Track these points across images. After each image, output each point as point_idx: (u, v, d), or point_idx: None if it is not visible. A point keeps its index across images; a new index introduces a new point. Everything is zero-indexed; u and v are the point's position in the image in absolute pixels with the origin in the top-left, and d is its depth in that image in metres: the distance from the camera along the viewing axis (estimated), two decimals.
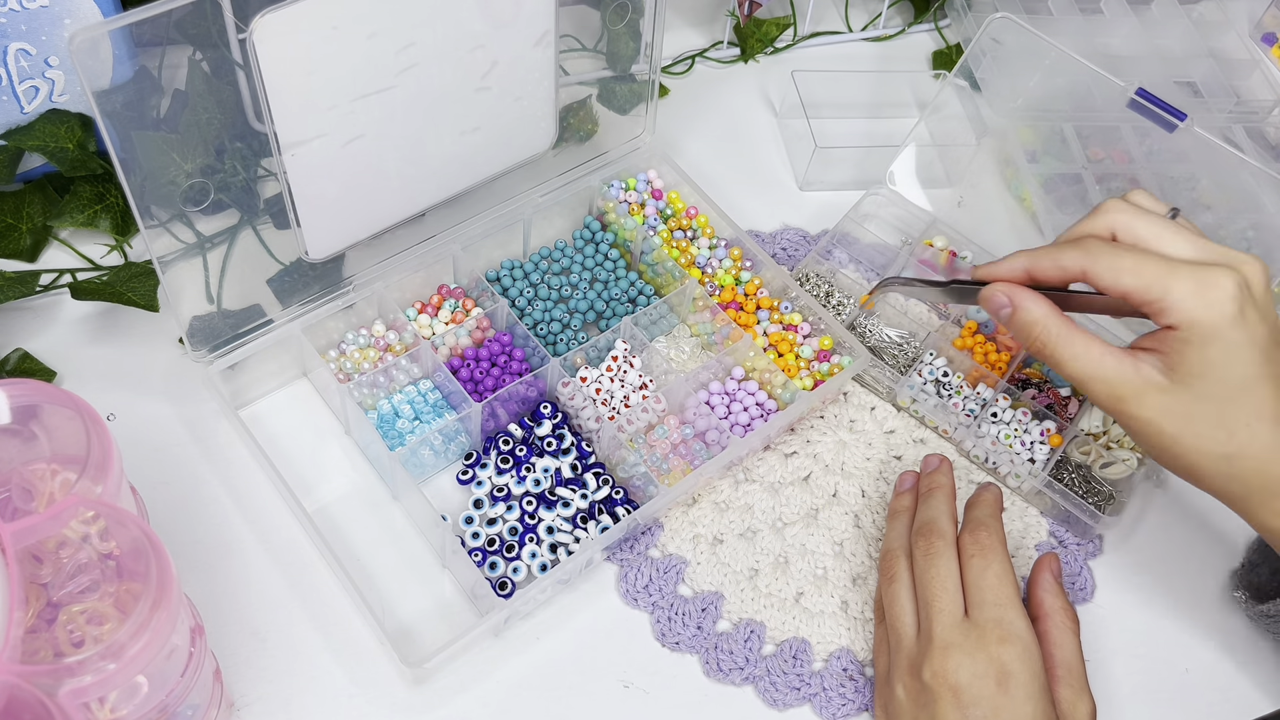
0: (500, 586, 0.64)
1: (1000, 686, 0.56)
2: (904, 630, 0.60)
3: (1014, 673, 0.56)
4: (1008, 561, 0.61)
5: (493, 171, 0.74)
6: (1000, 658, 0.57)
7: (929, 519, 0.63)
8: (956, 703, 0.56)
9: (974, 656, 0.57)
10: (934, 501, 0.65)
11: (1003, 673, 0.56)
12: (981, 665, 0.56)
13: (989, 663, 0.57)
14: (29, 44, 0.71)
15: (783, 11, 0.98)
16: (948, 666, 0.57)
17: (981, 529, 0.62)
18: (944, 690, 0.56)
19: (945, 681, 0.56)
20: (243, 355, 0.68)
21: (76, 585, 0.47)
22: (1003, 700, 0.56)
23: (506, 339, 0.74)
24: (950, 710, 0.56)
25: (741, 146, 0.91)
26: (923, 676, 0.57)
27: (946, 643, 0.57)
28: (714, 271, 0.78)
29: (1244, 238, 0.82)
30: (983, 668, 0.56)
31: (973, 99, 0.89)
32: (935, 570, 0.60)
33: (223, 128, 0.61)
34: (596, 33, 0.76)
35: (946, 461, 0.68)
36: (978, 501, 0.65)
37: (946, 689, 0.56)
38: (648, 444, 0.71)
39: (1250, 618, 0.69)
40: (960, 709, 0.56)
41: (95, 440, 0.50)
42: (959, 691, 0.56)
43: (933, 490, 0.66)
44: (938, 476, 0.67)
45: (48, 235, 0.77)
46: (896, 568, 0.63)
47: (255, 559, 0.66)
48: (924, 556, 0.61)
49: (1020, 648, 0.57)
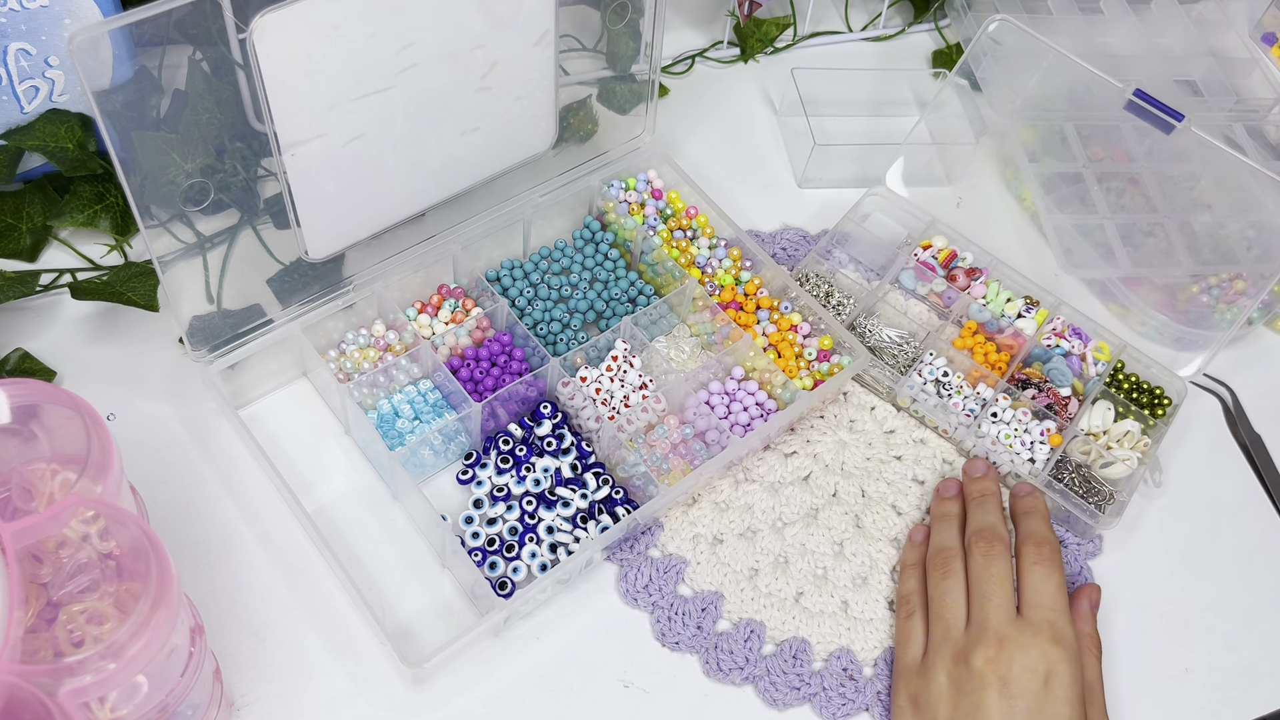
0: (500, 586, 0.64)
1: (1046, 684, 0.58)
2: (954, 620, 0.62)
3: (1060, 674, 0.59)
4: (1064, 577, 0.64)
5: (493, 171, 0.74)
6: (1050, 656, 0.59)
7: (988, 524, 0.66)
8: (1004, 692, 0.58)
9: (1026, 651, 0.59)
10: (990, 507, 0.68)
11: (1050, 672, 0.59)
12: (1032, 660, 0.59)
13: (1040, 659, 0.59)
14: (29, 44, 0.71)
15: (783, 11, 0.98)
16: (1001, 656, 0.59)
17: (1046, 545, 0.65)
18: (993, 678, 0.58)
19: (996, 670, 0.59)
20: (243, 355, 0.68)
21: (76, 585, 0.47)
22: (1045, 698, 0.58)
23: (506, 339, 0.74)
24: (995, 698, 0.58)
25: (741, 147, 0.91)
26: (973, 663, 0.59)
27: (1002, 635, 0.60)
28: (714, 271, 0.78)
29: (1244, 237, 0.82)
30: (1033, 663, 0.59)
31: (972, 98, 0.89)
32: (994, 570, 0.63)
33: (223, 128, 0.61)
34: (596, 33, 0.76)
35: (992, 467, 0.71)
36: (1032, 511, 0.68)
37: (996, 677, 0.58)
38: (648, 444, 0.71)
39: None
40: (1006, 698, 0.58)
41: (95, 440, 0.50)
42: (1008, 682, 0.58)
43: (986, 497, 0.69)
44: (987, 483, 0.70)
45: (48, 235, 0.77)
46: (953, 564, 0.65)
47: (255, 559, 0.66)
48: (984, 557, 0.64)
49: (1069, 652, 0.60)
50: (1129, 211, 0.84)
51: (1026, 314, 0.79)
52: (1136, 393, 0.77)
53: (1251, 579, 0.73)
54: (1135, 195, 0.85)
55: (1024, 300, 0.80)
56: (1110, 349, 0.78)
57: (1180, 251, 0.82)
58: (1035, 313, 0.79)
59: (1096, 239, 0.82)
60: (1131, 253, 0.82)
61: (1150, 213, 0.84)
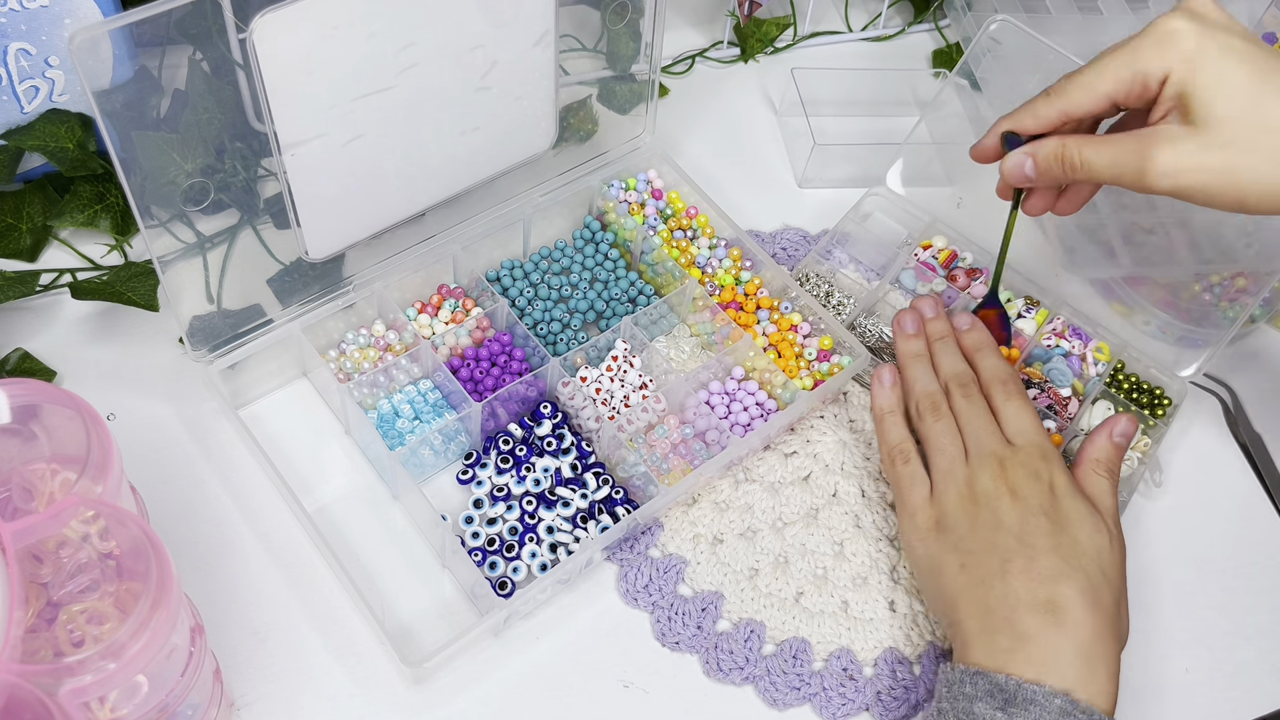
0: (500, 586, 0.64)
1: (1050, 489, 0.63)
2: (956, 454, 0.66)
3: (1057, 480, 0.64)
4: (1032, 404, 0.68)
5: (493, 171, 0.74)
6: (1045, 469, 0.64)
7: (959, 369, 0.70)
8: (1014, 497, 0.63)
9: (1025, 466, 0.64)
10: (952, 348, 0.71)
11: (1050, 480, 0.64)
12: (1032, 472, 0.64)
13: (1038, 471, 0.64)
14: (29, 44, 0.71)
15: (783, 11, 0.98)
16: (1004, 473, 0.64)
17: (1010, 380, 0.69)
18: (1003, 489, 0.63)
19: (1004, 484, 0.63)
20: (243, 355, 0.68)
21: (76, 585, 0.47)
22: (1051, 497, 0.63)
23: (506, 339, 0.74)
24: (1009, 503, 0.63)
25: (741, 147, 0.91)
26: (982, 483, 0.64)
27: (1000, 456, 0.65)
28: (714, 271, 0.78)
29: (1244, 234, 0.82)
30: (1033, 474, 0.64)
31: (972, 98, 0.89)
32: (975, 408, 0.67)
33: (223, 128, 0.61)
34: (596, 33, 0.76)
35: (940, 301, 0.74)
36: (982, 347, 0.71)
37: (1006, 490, 0.63)
38: (648, 444, 0.71)
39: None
40: (1018, 500, 0.63)
41: (95, 440, 0.50)
42: (1016, 489, 0.63)
43: (945, 339, 0.72)
44: (940, 324, 0.73)
45: (48, 235, 0.77)
46: (942, 406, 0.68)
47: (255, 559, 0.66)
48: (964, 399, 0.68)
49: (1059, 463, 0.65)
50: (1130, 210, 0.84)
51: (1026, 314, 0.79)
52: (1136, 393, 0.77)
53: (1251, 579, 0.73)
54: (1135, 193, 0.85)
55: (1024, 300, 0.80)
56: (1110, 349, 0.78)
57: (1181, 250, 0.82)
58: (1035, 313, 0.79)
59: (1098, 238, 0.82)
60: (1133, 251, 0.82)
61: (1151, 211, 0.84)
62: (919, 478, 0.67)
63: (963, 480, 0.65)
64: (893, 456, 0.68)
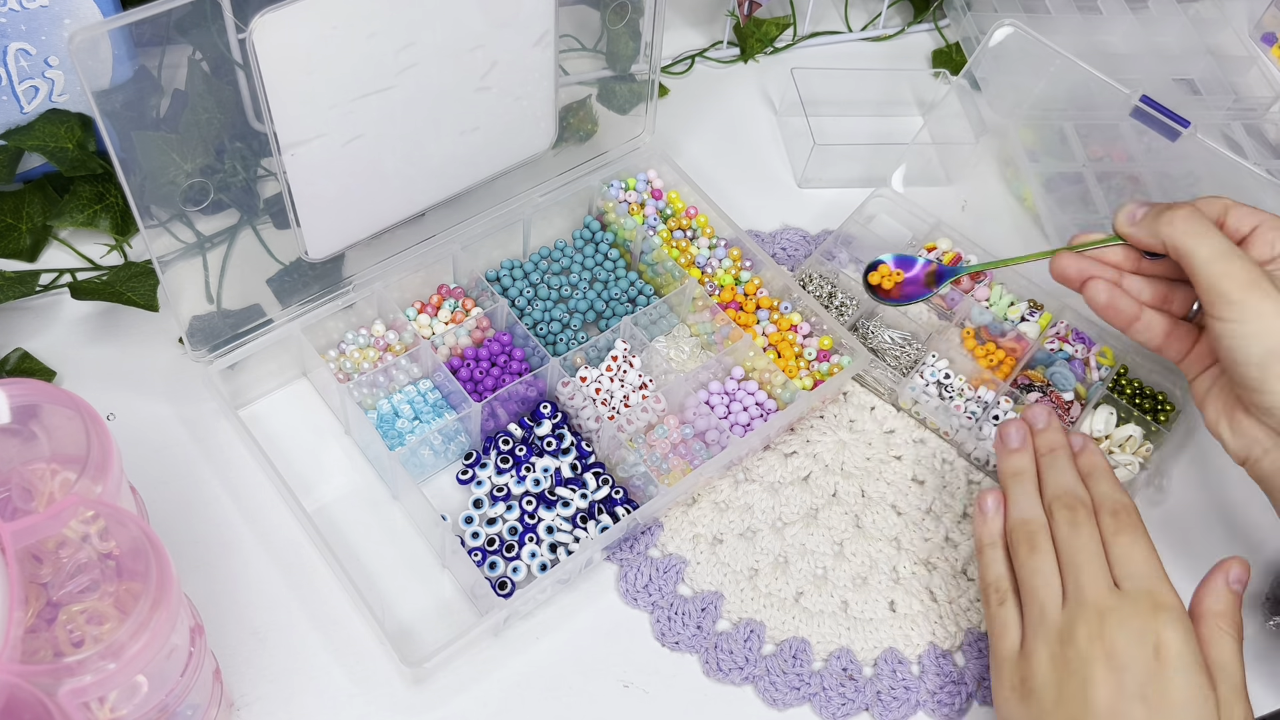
0: (500, 586, 0.64)
1: (1156, 654, 0.55)
2: (1050, 600, 0.58)
3: (1169, 642, 0.55)
4: (1149, 538, 0.60)
5: (492, 171, 0.74)
6: (1155, 626, 0.56)
7: (1067, 487, 0.62)
8: (1110, 666, 0.55)
9: (1129, 623, 0.56)
10: (1063, 464, 0.63)
11: (1159, 642, 0.55)
12: (1136, 631, 0.55)
13: (1144, 630, 0.55)
14: (29, 44, 0.71)
15: (783, 11, 0.98)
16: (1104, 630, 0.56)
17: (1123, 510, 0.61)
18: (1098, 653, 0.55)
19: (1101, 645, 0.55)
20: (243, 355, 0.68)
21: (76, 585, 0.47)
22: (1156, 667, 0.55)
23: (506, 339, 0.74)
24: (1103, 673, 0.55)
25: (741, 147, 0.91)
26: (1075, 640, 0.56)
27: (1102, 607, 0.56)
28: (714, 271, 0.78)
29: None
30: (1138, 634, 0.55)
31: (973, 98, 0.89)
32: (1081, 539, 0.59)
33: (223, 128, 0.61)
34: (596, 33, 0.76)
35: (1054, 414, 0.66)
36: (1094, 471, 0.63)
37: (1101, 652, 0.55)
38: (647, 444, 0.71)
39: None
40: (1114, 671, 0.55)
41: (95, 440, 0.49)
42: (1114, 655, 0.55)
43: (1055, 452, 0.64)
44: (1052, 435, 0.65)
45: (48, 235, 0.77)
46: (1039, 538, 0.60)
47: (255, 559, 0.66)
48: (1069, 525, 0.60)
49: (1175, 616, 0.56)
50: None
51: (1030, 318, 0.79)
52: (1139, 398, 0.77)
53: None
54: (1136, 194, 0.85)
55: (1027, 304, 0.80)
56: (1114, 354, 0.78)
57: None
58: (1039, 316, 0.79)
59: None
60: None
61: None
62: (1012, 623, 0.60)
63: (1054, 636, 0.57)
64: (988, 595, 0.61)
